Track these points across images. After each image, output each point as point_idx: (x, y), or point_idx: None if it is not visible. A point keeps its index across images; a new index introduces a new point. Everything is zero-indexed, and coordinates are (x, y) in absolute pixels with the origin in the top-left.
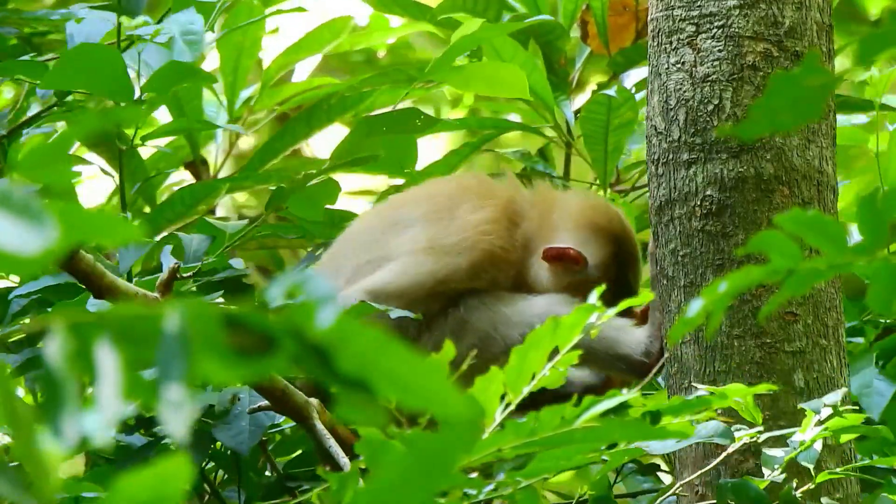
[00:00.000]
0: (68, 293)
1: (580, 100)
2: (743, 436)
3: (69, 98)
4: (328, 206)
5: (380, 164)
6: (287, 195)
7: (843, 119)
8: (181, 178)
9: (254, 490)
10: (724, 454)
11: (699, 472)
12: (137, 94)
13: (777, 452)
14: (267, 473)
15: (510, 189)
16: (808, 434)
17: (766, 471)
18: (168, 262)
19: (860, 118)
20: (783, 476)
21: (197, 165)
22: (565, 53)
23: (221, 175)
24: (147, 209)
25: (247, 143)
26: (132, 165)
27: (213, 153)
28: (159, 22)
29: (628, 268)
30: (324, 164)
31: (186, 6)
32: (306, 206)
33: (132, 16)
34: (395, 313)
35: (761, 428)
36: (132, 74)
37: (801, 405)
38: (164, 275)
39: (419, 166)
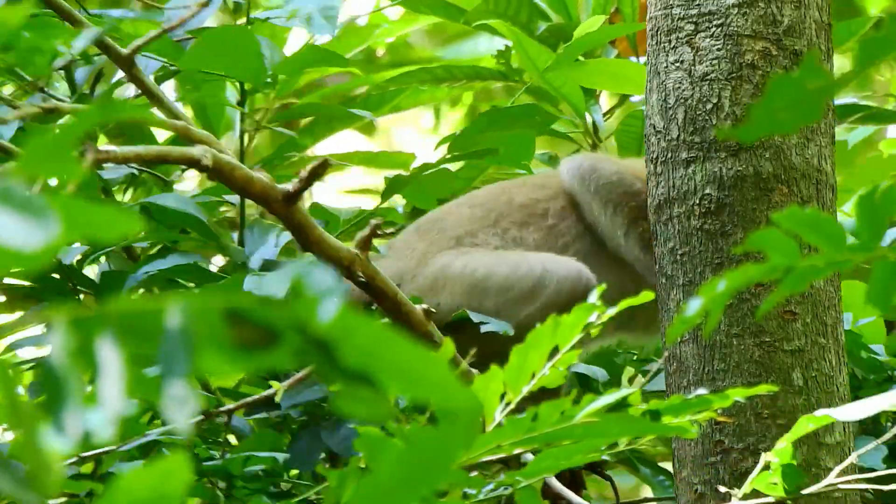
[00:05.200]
0: (193, 273)
1: (603, 100)
2: None
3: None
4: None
5: (499, 157)
6: (403, 184)
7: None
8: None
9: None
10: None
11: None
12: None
13: None
14: None
15: None
16: None
17: None
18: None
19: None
20: None
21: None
22: (595, 57)
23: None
24: None
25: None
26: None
27: (231, 145)
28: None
29: None
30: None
31: None
32: (421, 197)
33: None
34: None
35: None
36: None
37: None
38: (365, 231)
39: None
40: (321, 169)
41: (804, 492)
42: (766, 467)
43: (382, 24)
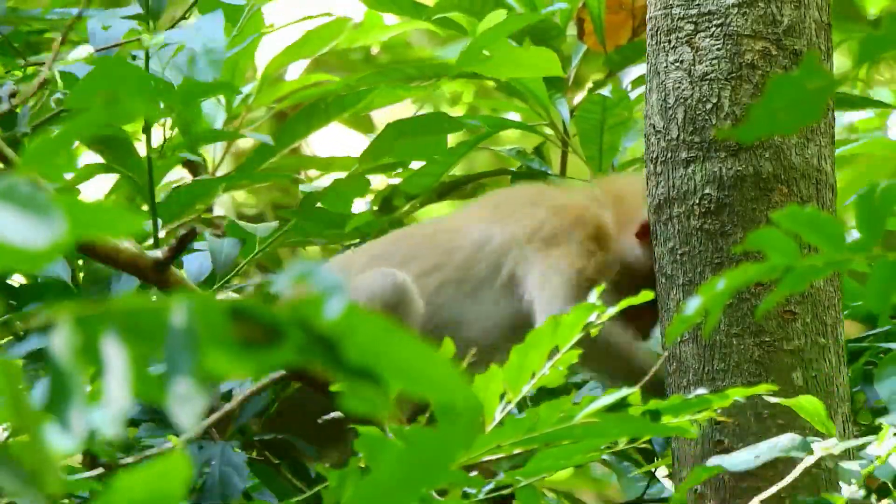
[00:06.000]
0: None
1: (577, 97)
2: (821, 449)
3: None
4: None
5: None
6: (319, 197)
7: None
8: (180, 175)
9: (286, 494)
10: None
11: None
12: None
13: (853, 466)
14: None
15: (582, 195)
16: (884, 447)
17: (843, 485)
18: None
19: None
20: (862, 493)
21: (195, 164)
22: (562, 52)
23: (219, 173)
24: (145, 207)
25: (246, 141)
26: (130, 163)
27: (212, 151)
28: (180, 21)
29: None
30: (352, 165)
31: (213, 8)
32: (335, 202)
33: (156, 17)
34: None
35: (836, 440)
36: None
37: (879, 420)
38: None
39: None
40: (190, 237)
41: None
42: None
43: (380, 23)
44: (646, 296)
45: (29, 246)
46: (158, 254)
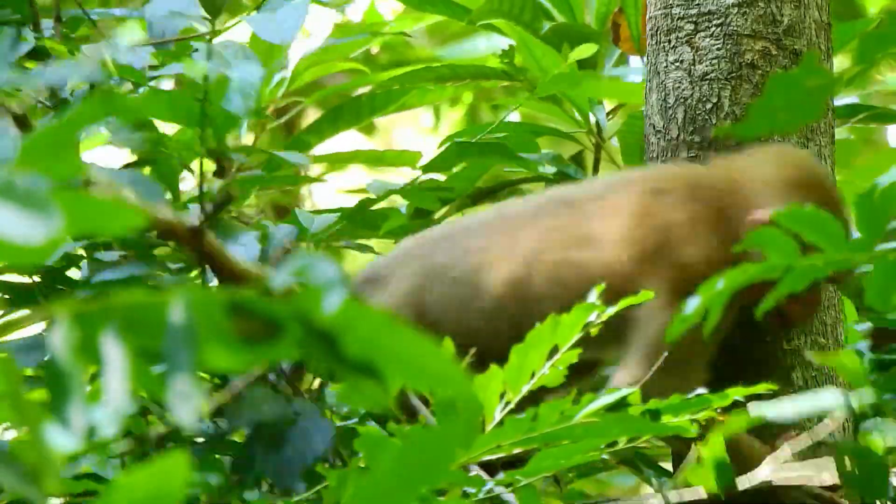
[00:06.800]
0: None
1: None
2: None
3: None
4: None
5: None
6: (375, 202)
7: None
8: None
9: None
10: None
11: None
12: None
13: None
14: None
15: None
16: None
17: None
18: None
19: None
20: None
21: (222, 161)
22: (596, 56)
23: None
24: (168, 196)
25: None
26: (155, 154)
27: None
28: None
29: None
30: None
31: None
32: (422, 199)
33: (215, 16)
34: None
35: (871, 393)
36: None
37: None
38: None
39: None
40: (227, 202)
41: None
42: (699, 460)
43: (381, 21)
44: (645, 295)
45: (26, 241)
46: (195, 220)
